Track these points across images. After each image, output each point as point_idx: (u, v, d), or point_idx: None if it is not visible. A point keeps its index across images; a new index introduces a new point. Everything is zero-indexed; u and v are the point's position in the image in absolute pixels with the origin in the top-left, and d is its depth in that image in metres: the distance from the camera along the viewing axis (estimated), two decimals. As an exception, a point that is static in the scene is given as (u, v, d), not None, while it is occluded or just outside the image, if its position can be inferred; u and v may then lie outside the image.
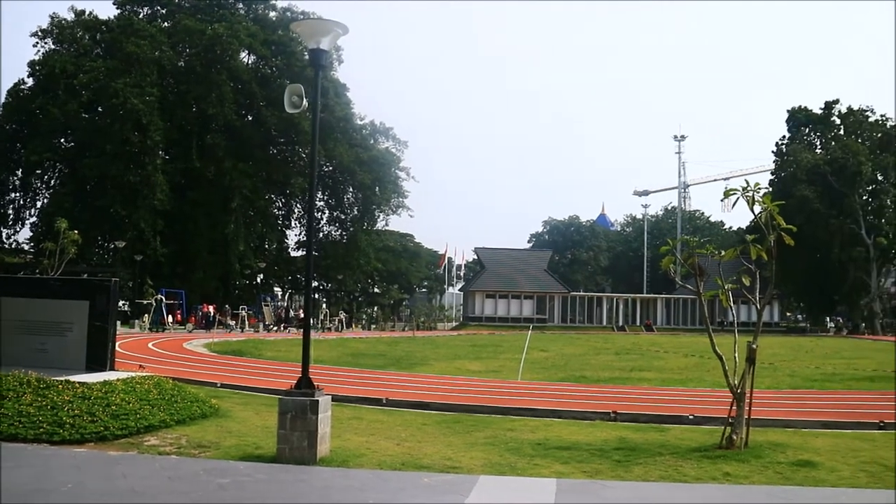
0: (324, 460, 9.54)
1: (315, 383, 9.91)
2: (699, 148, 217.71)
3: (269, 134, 70.43)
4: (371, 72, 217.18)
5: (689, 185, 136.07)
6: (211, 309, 57.55)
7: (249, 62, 71.41)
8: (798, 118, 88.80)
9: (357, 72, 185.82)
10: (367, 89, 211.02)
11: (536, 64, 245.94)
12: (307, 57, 10.53)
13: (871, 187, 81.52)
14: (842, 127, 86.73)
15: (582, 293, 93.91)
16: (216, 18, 67.12)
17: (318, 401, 9.53)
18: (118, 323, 21.42)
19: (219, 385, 18.14)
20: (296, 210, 78.87)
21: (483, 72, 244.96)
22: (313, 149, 10.91)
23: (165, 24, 69.82)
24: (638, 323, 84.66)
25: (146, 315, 52.06)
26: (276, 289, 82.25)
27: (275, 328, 60.01)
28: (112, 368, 13.88)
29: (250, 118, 70.52)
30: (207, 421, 12.43)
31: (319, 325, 62.15)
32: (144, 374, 13.91)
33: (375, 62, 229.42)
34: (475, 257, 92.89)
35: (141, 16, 69.38)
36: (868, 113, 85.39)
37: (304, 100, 10.45)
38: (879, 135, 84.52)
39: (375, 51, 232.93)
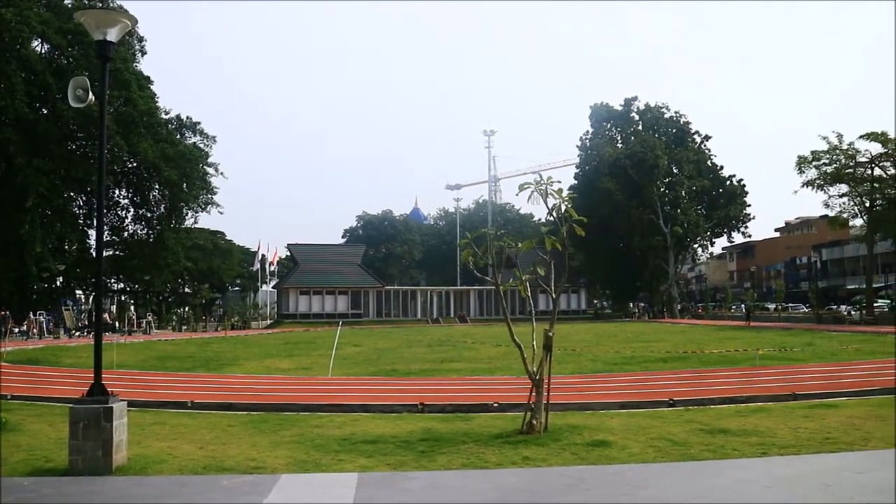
0: (120, 469, 9.18)
1: (110, 389, 9.54)
2: (510, 143, 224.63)
3: (67, 128, 66.29)
4: (179, 64, 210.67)
5: (499, 179, 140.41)
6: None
7: (43, 51, 66.92)
8: (600, 114, 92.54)
9: (165, 64, 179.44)
10: (175, 82, 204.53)
11: (352, 60, 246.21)
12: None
13: (667, 179, 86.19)
14: (640, 122, 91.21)
15: (396, 287, 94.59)
16: (2, 3, 62.49)
17: (112, 408, 9.18)
18: None
19: (9, 397, 17.06)
20: (98, 208, 74.84)
21: (294, 67, 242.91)
22: (101, 145, 10.39)
23: (-60, 7, 64.34)
24: (452, 315, 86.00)
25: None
26: (77, 292, 78.13)
27: (77, 333, 57.08)
28: None
29: (45, 111, 66.09)
30: (-8, 436, 11.68)
31: (126, 328, 59.68)
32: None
33: (184, 54, 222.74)
34: (288, 254, 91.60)
35: None
36: (664, 109, 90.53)
37: (90, 93, 9.95)
38: (674, 130, 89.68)
39: (184, 43, 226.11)
